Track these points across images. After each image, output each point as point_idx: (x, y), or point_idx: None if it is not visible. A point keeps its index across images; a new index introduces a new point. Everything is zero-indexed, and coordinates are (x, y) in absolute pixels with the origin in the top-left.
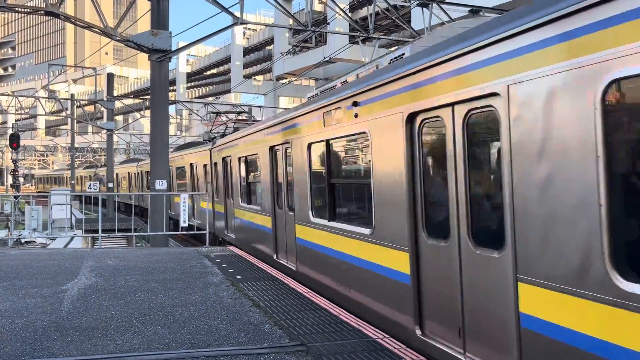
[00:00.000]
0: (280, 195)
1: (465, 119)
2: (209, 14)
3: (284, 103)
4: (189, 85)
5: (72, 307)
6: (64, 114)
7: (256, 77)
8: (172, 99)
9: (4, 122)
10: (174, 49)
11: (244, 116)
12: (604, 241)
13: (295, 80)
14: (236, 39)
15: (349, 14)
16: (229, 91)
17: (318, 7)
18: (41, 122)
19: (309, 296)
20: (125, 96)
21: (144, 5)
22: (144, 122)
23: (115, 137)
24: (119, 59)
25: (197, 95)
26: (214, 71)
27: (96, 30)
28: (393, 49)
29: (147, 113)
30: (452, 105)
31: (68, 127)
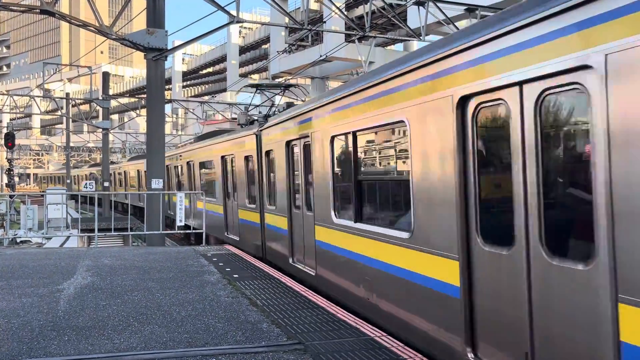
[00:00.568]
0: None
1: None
2: (204, 12)
3: (279, 102)
4: (184, 84)
5: (68, 306)
6: (59, 113)
7: (252, 76)
8: (168, 97)
9: None
10: (169, 47)
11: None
12: None
13: (291, 79)
14: (232, 38)
15: (345, 13)
16: (224, 90)
17: (314, 5)
18: (36, 121)
19: (306, 295)
20: (121, 95)
21: (139, 4)
22: (139, 121)
23: (111, 136)
24: (115, 57)
25: (192, 94)
26: (210, 70)
27: (92, 28)
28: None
29: (143, 112)
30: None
31: (63, 126)
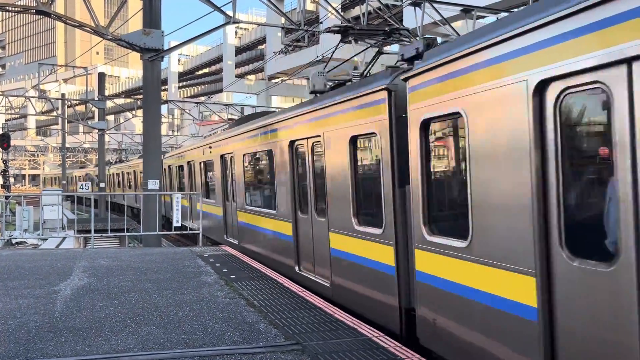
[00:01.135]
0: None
1: None
2: (201, 13)
3: (276, 103)
4: (180, 84)
5: (65, 307)
6: (54, 113)
7: (248, 76)
8: (164, 98)
9: None
10: (166, 48)
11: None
12: None
13: (288, 80)
14: (228, 38)
15: (341, 13)
16: (221, 90)
17: (310, 6)
18: (31, 122)
19: (303, 295)
20: (117, 96)
21: (135, 4)
22: (135, 122)
23: (107, 137)
24: (110, 58)
25: (189, 95)
26: (206, 70)
27: (87, 29)
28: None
29: (139, 113)
30: (629, 63)
31: (59, 127)
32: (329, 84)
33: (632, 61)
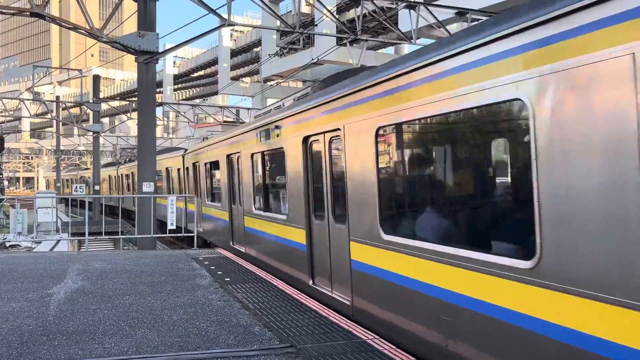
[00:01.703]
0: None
1: None
2: (196, 15)
3: None
4: (176, 87)
5: (58, 310)
6: (49, 116)
7: (244, 79)
8: (159, 100)
9: None
10: (161, 50)
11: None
12: None
13: (283, 82)
14: (223, 41)
15: (337, 16)
16: (216, 93)
17: (305, 9)
18: (26, 125)
19: (298, 297)
20: (112, 98)
21: (130, 7)
22: (130, 124)
23: (102, 140)
24: (105, 60)
25: (184, 97)
26: (201, 73)
27: (82, 31)
28: (381, 51)
29: (134, 115)
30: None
31: (53, 129)
32: None
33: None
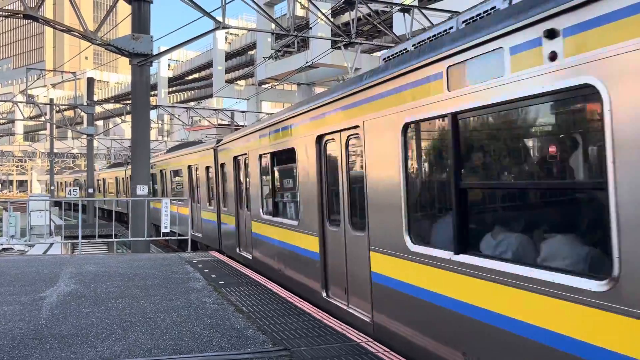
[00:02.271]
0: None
1: None
2: (190, 18)
3: (266, 108)
4: (170, 90)
5: (51, 314)
6: (43, 119)
7: (238, 82)
8: (154, 103)
9: None
10: (155, 53)
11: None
12: None
13: (278, 85)
14: (218, 44)
15: (331, 19)
16: (210, 96)
17: (300, 12)
18: (19, 127)
19: (292, 300)
20: (106, 101)
21: (124, 9)
22: (124, 127)
23: (96, 142)
24: (99, 63)
25: (178, 100)
26: (196, 76)
27: (76, 34)
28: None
29: (128, 118)
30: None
31: (47, 132)
32: None
33: None
